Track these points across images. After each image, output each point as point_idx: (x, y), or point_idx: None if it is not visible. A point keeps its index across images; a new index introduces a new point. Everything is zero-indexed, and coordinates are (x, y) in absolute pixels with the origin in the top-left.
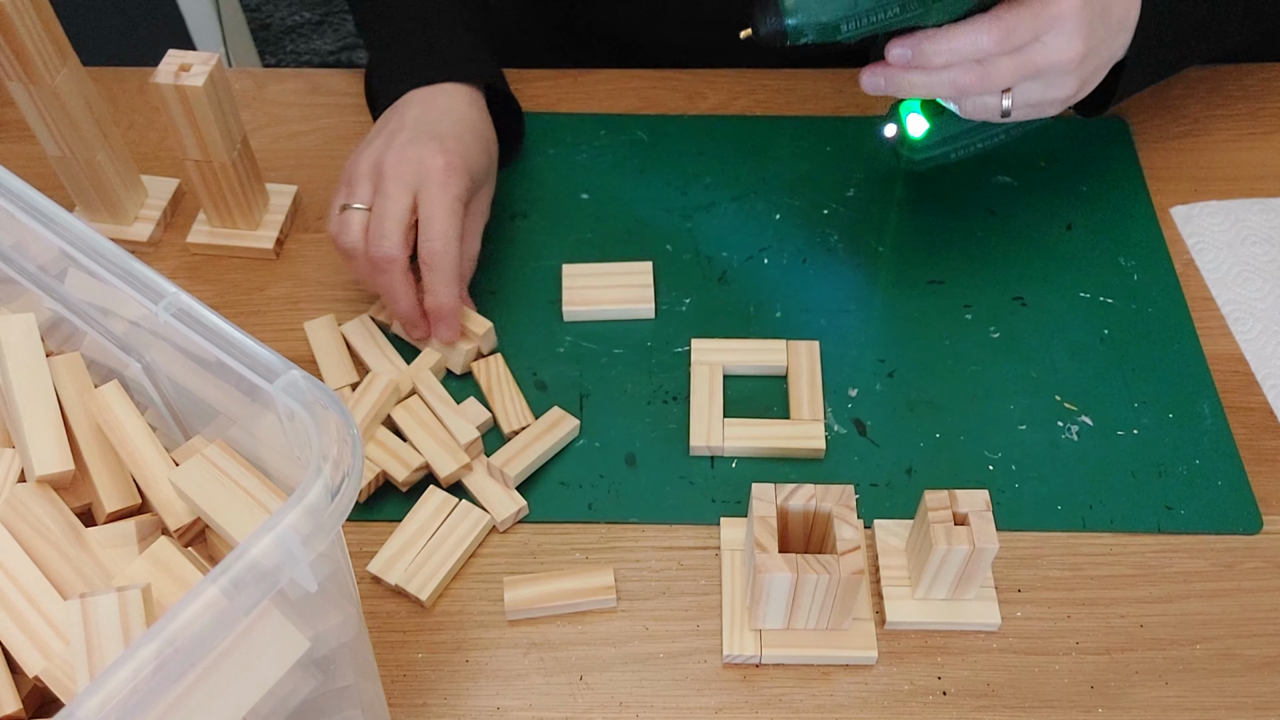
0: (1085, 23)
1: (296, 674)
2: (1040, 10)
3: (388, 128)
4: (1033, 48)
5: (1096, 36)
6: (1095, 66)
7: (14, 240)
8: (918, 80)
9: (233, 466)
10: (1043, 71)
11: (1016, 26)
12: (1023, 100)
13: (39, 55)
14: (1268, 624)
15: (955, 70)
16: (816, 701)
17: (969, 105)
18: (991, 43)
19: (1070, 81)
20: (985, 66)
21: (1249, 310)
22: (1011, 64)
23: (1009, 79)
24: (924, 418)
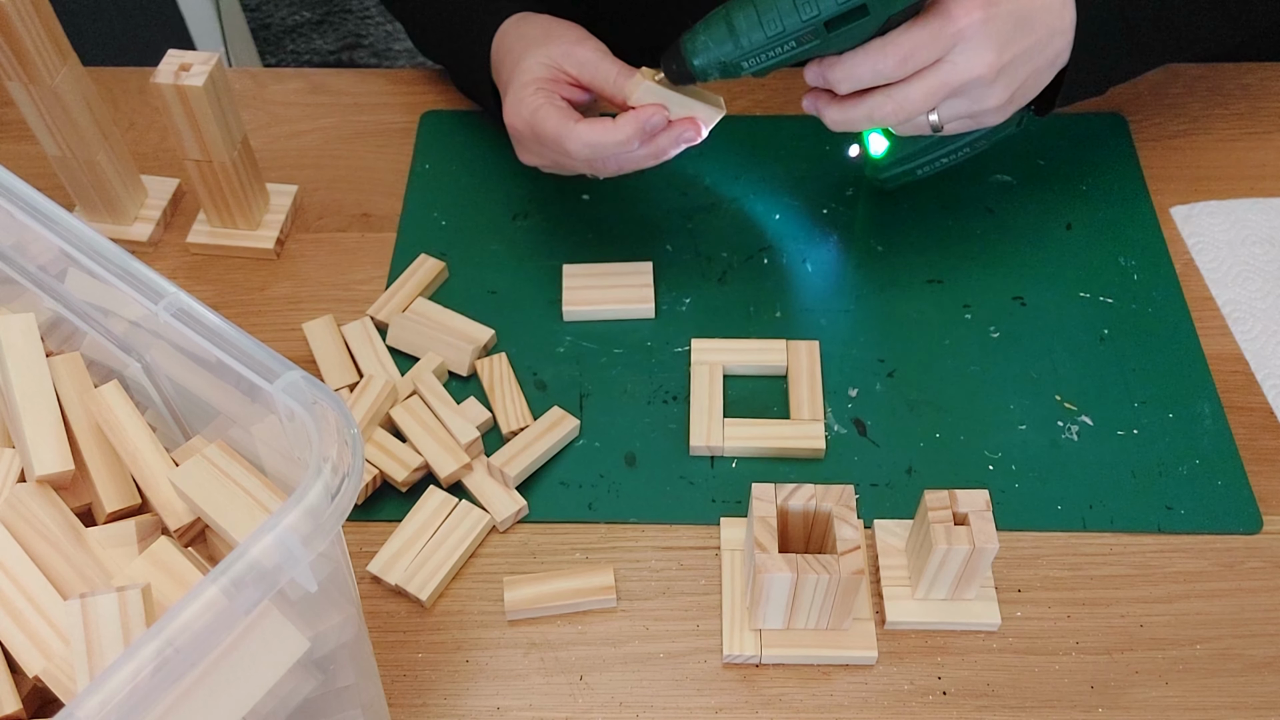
0: (993, 34)
1: (296, 674)
2: (939, 30)
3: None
4: (941, 68)
5: (1016, 45)
6: (1027, 74)
7: (14, 240)
8: (834, 113)
9: (233, 466)
10: (960, 89)
11: (915, 49)
12: (951, 115)
13: (39, 55)
14: (1268, 624)
15: (869, 102)
16: (816, 701)
17: (899, 126)
18: (891, 67)
19: (996, 92)
20: (895, 94)
21: (1249, 310)
22: (923, 87)
23: (924, 102)
24: (924, 418)
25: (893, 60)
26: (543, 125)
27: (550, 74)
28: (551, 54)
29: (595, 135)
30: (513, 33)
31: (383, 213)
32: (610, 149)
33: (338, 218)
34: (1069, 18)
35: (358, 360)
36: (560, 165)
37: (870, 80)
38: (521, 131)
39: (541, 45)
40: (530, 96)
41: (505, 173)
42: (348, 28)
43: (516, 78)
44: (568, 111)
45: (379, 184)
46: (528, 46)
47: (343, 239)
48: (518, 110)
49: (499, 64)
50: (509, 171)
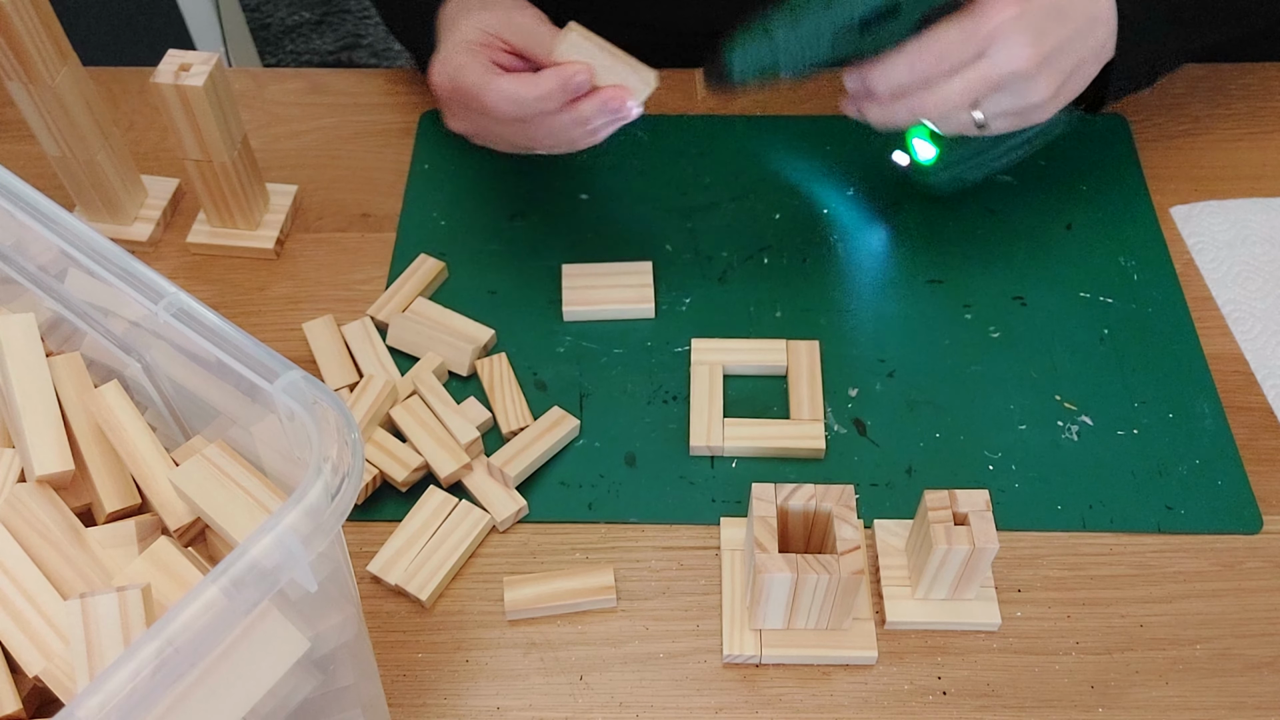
0: (1029, 28)
1: (296, 674)
2: (975, 29)
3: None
4: (980, 64)
5: (1053, 37)
6: (1071, 66)
7: (14, 240)
8: (877, 112)
9: (233, 466)
10: (1000, 83)
11: (949, 48)
12: (996, 111)
13: (39, 55)
14: (1268, 624)
15: (910, 99)
16: (816, 701)
17: (944, 125)
18: (929, 65)
19: (1040, 86)
20: (935, 91)
21: (1249, 310)
22: (962, 84)
23: (964, 96)
24: (924, 418)
25: (930, 58)
26: (463, 78)
27: (483, 38)
28: (486, 20)
29: (514, 87)
30: (455, 2)
31: (383, 213)
32: (531, 105)
33: (338, 218)
34: (1106, 4)
35: (358, 360)
36: (488, 131)
37: (908, 80)
38: (444, 89)
39: (478, 11)
40: (456, 55)
41: (505, 173)
42: (347, 28)
43: (448, 39)
44: (490, 68)
45: (379, 184)
46: (467, 11)
47: (343, 239)
48: (442, 68)
49: (440, 33)
50: (509, 171)
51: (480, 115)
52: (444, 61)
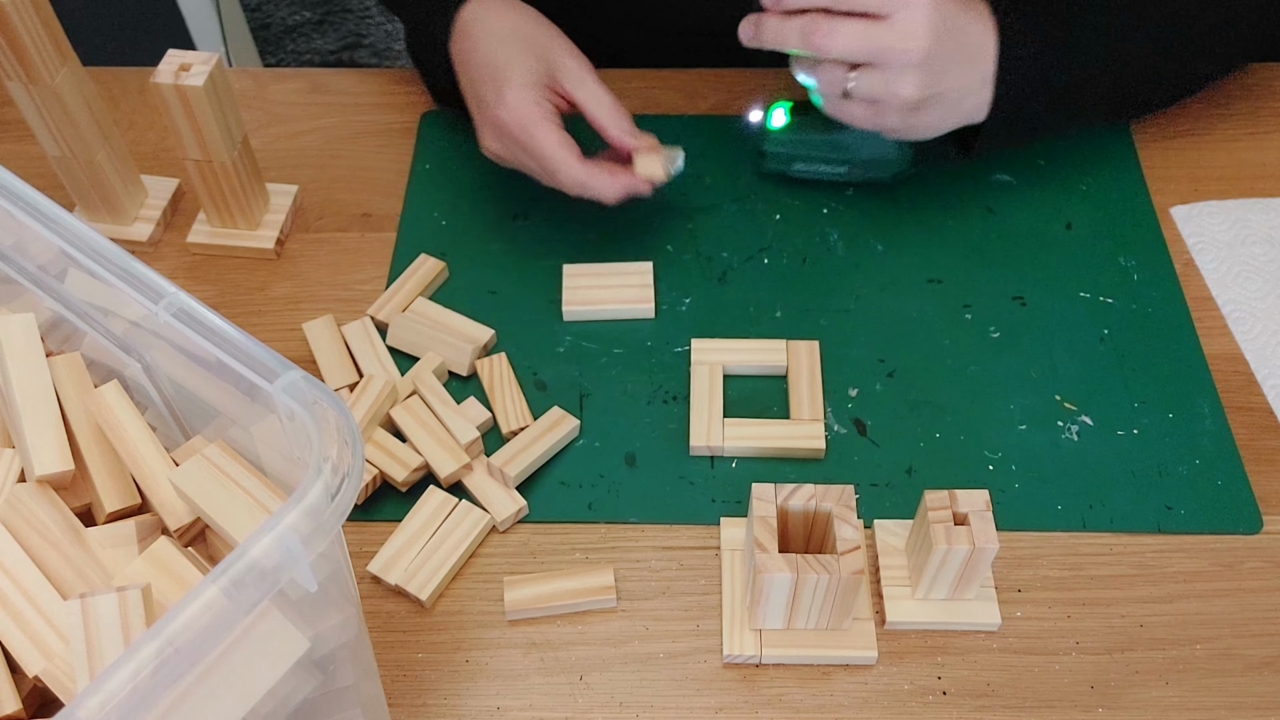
0: (933, 21)
1: (296, 674)
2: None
3: (470, 110)
4: (880, 24)
5: (948, 46)
6: (941, 90)
7: (14, 240)
8: (773, 26)
9: (233, 466)
10: (884, 54)
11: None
12: (866, 88)
13: (39, 55)
14: (1268, 624)
15: (805, 19)
16: (816, 701)
17: (821, 75)
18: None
19: (910, 81)
20: (832, 21)
21: (1249, 310)
22: (857, 29)
23: (848, 43)
24: (924, 418)
25: None
26: (540, 143)
27: (546, 79)
28: (547, 61)
29: (585, 177)
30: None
31: (383, 213)
32: (590, 192)
33: (338, 218)
34: (987, 56)
35: (358, 360)
36: (526, 168)
37: (809, 3)
38: (511, 132)
39: (525, 46)
40: (532, 105)
41: (505, 173)
42: (348, 28)
43: (511, 76)
44: (566, 140)
45: (379, 184)
46: (506, 41)
47: (343, 239)
48: (516, 113)
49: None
50: (509, 172)
51: (530, 161)
52: (519, 105)
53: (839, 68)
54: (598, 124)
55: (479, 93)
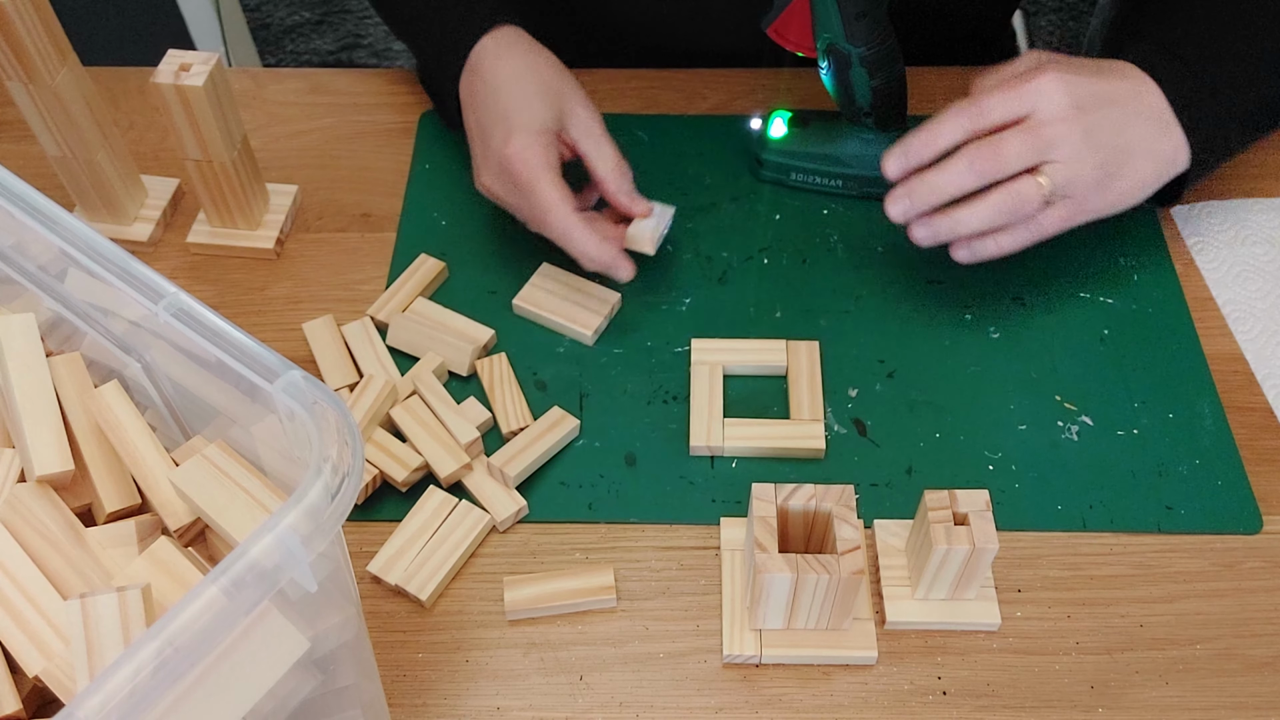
0: (1074, 91)
1: (296, 674)
2: (1014, 86)
3: (471, 145)
4: (1029, 122)
5: (1102, 113)
6: (1121, 148)
7: (14, 240)
8: (926, 185)
9: (233, 466)
10: (1052, 143)
11: (990, 104)
12: (1061, 182)
13: (39, 55)
14: (1268, 624)
15: (962, 156)
16: (816, 701)
17: (1009, 204)
18: (968, 119)
19: (1087, 154)
20: (988, 142)
21: (1249, 310)
22: (1016, 135)
23: (1020, 153)
24: (924, 418)
25: (969, 115)
26: (540, 191)
27: (555, 126)
28: (559, 109)
29: (574, 232)
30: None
31: (383, 213)
32: (575, 249)
33: (338, 218)
34: (1161, 114)
35: (358, 360)
36: (517, 210)
37: (953, 138)
38: (515, 173)
39: (540, 90)
40: (540, 150)
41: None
42: (347, 28)
43: (522, 120)
44: (566, 192)
45: (379, 184)
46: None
47: (343, 239)
48: (522, 156)
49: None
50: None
51: (524, 204)
52: (519, 150)
53: (1021, 184)
54: (599, 178)
55: (486, 131)
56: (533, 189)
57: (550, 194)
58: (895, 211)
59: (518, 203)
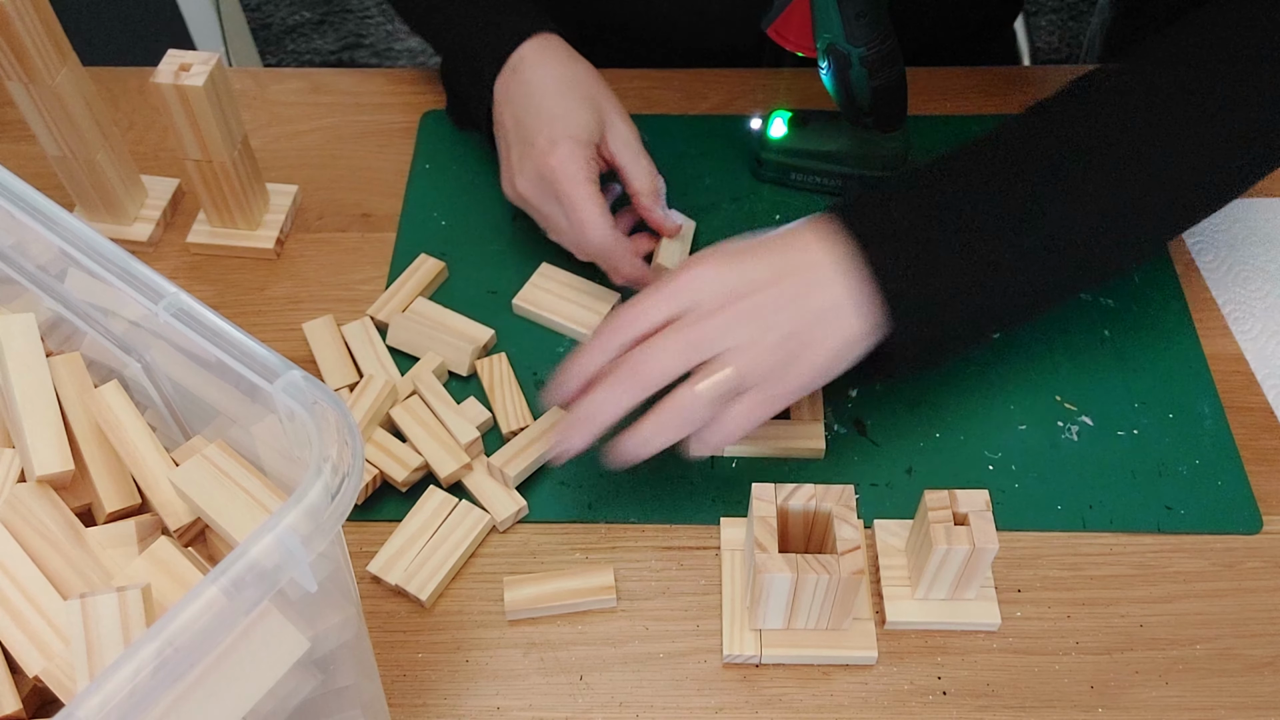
0: (724, 275)
1: (296, 674)
2: (665, 285)
3: (503, 150)
4: (681, 321)
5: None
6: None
7: (14, 240)
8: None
9: (233, 466)
10: (706, 338)
11: (642, 308)
12: (721, 382)
13: (39, 55)
14: (1268, 624)
15: (618, 366)
16: (816, 701)
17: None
18: (622, 332)
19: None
20: (645, 350)
21: (1249, 310)
22: (669, 340)
23: (676, 357)
24: (924, 418)
25: (623, 326)
26: (581, 201)
27: (596, 138)
28: (600, 120)
29: (614, 246)
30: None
31: (383, 213)
32: (610, 263)
33: (338, 218)
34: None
35: (358, 360)
36: (546, 218)
37: (609, 357)
38: (557, 181)
39: (585, 101)
40: (584, 162)
41: None
42: (348, 28)
43: (569, 128)
44: (604, 205)
45: (379, 184)
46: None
47: (343, 239)
48: (568, 166)
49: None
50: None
51: (558, 213)
52: (565, 159)
53: (680, 395)
54: (635, 193)
55: (528, 133)
56: (575, 203)
57: (592, 209)
58: (560, 451)
59: (552, 212)
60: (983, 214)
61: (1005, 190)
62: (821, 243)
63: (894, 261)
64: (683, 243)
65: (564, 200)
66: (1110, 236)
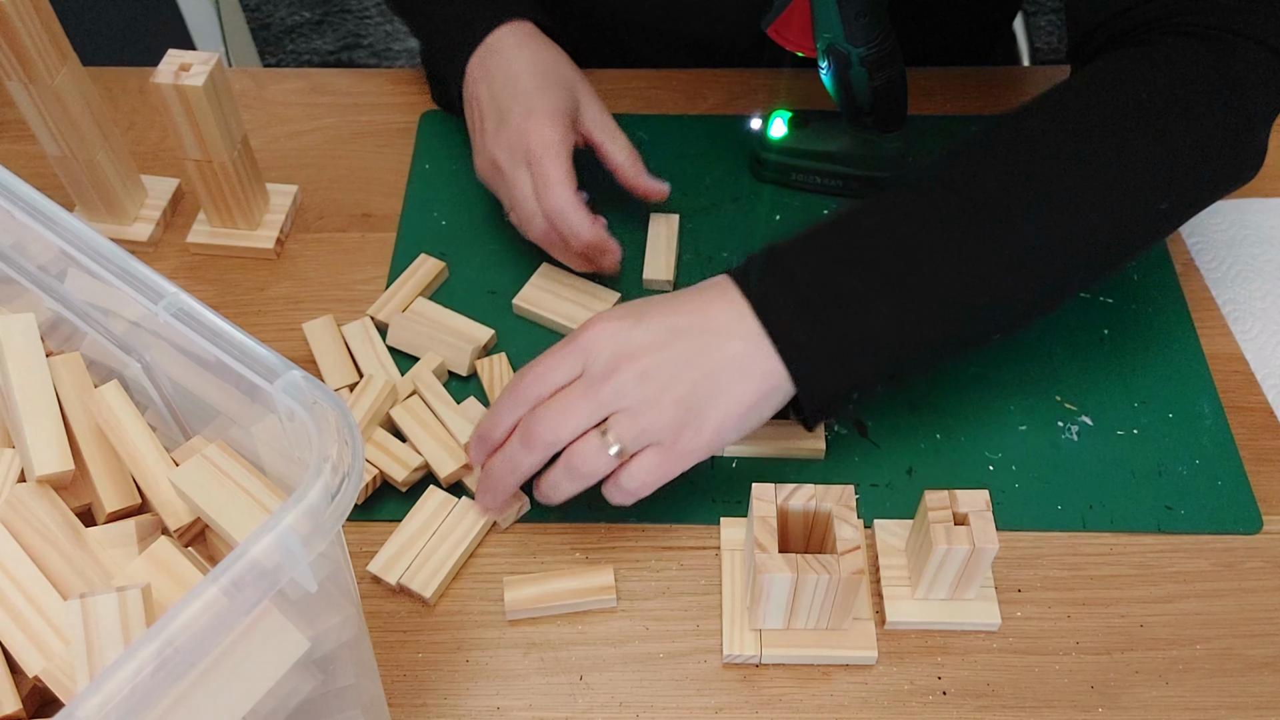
0: (618, 336)
1: (296, 674)
2: (565, 346)
3: (477, 123)
4: (578, 382)
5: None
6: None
7: (14, 240)
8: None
9: (233, 466)
10: (605, 401)
11: (543, 369)
12: (630, 436)
13: (39, 55)
14: (1268, 624)
15: (521, 429)
16: (816, 701)
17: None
18: (527, 389)
19: (653, 402)
20: (540, 412)
21: (1249, 310)
22: (564, 400)
23: (572, 416)
24: (924, 418)
25: (527, 385)
26: (550, 168)
27: (572, 116)
28: (573, 99)
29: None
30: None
31: (383, 213)
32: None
33: (338, 218)
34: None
35: (358, 360)
36: (509, 192)
37: (515, 416)
38: (531, 149)
39: (557, 80)
40: (563, 132)
41: None
42: (348, 28)
43: (544, 102)
44: (572, 178)
45: (379, 184)
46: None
47: (343, 239)
48: (543, 134)
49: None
50: None
51: (524, 182)
52: (542, 128)
53: (587, 441)
54: (615, 165)
55: (503, 107)
56: (543, 163)
57: (558, 170)
58: (481, 510)
59: (519, 179)
60: (880, 267)
61: (904, 244)
62: (719, 303)
63: (789, 321)
64: (668, 251)
65: (533, 163)
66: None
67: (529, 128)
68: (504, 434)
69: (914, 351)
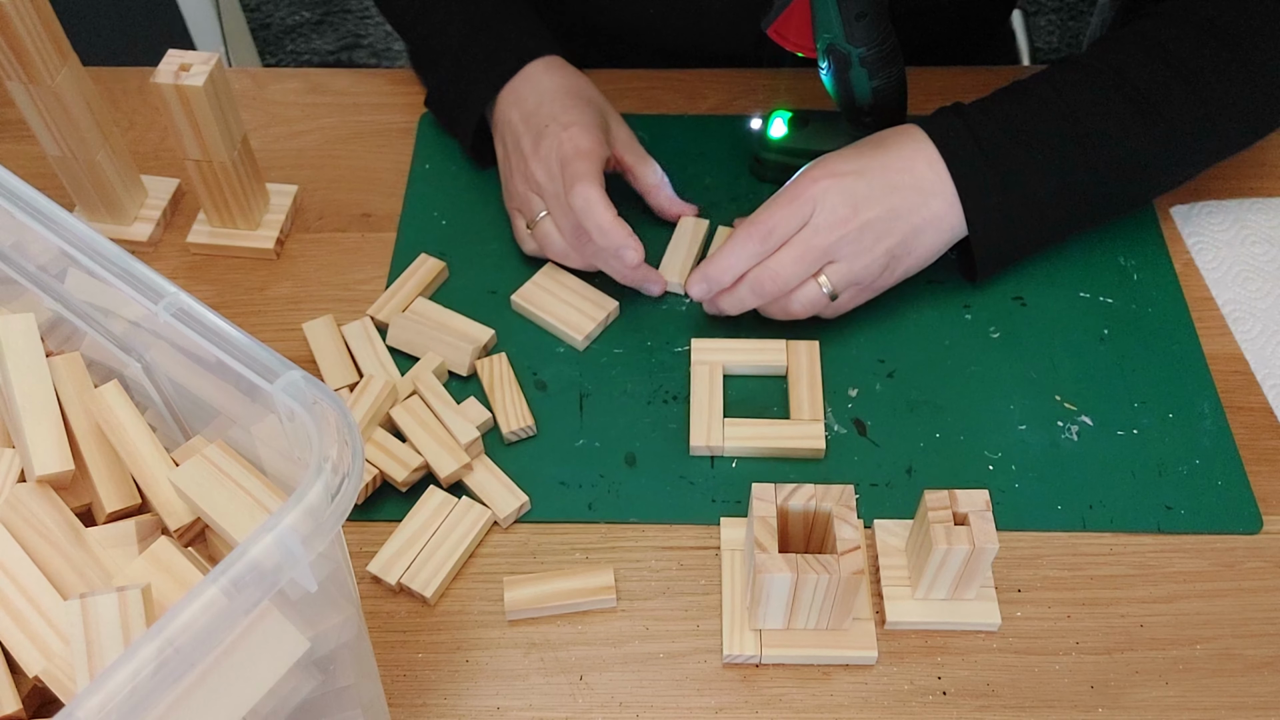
0: (845, 191)
1: (296, 674)
2: (793, 199)
3: (513, 145)
4: (804, 232)
5: (876, 202)
6: (903, 231)
7: (14, 240)
8: (728, 302)
9: (233, 467)
10: (828, 249)
11: (776, 223)
12: (842, 281)
13: (39, 55)
14: (1268, 624)
15: (749, 277)
16: (816, 701)
17: (794, 305)
18: (757, 244)
19: (867, 248)
20: (769, 265)
21: (1249, 310)
22: (792, 253)
23: (796, 266)
24: (924, 418)
25: (757, 238)
26: (582, 169)
27: (605, 131)
28: (604, 123)
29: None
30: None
31: (383, 213)
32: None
33: (338, 218)
34: (932, 176)
35: (358, 360)
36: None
37: (745, 264)
38: (566, 155)
39: (589, 104)
40: (598, 145)
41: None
42: (348, 28)
43: (580, 119)
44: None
45: (379, 184)
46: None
47: (343, 239)
48: (580, 142)
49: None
50: None
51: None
52: (580, 138)
53: (807, 289)
54: (646, 186)
55: (540, 124)
56: (574, 163)
57: (589, 169)
58: (707, 308)
59: (556, 190)
60: (1054, 144)
61: (1075, 115)
62: (922, 162)
63: (979, 189)
64: (688, 254)
65: (566, 163)
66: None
67: (565, 137)
68: (732, 280)
69: (1073, 222)
